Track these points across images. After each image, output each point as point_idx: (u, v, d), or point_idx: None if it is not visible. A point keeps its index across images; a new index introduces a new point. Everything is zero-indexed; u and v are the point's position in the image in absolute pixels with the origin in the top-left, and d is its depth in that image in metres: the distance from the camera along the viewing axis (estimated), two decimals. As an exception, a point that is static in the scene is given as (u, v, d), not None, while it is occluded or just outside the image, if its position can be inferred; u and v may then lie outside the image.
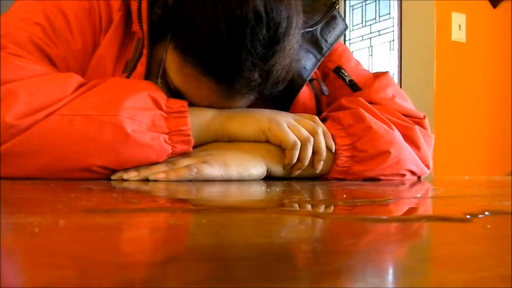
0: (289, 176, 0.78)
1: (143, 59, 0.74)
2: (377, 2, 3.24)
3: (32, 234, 0.23)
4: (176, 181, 0.66)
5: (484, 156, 2.74)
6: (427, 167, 0.90)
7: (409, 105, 0.94)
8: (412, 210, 0.36)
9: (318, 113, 0.90)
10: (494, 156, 2.75)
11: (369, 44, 3.29)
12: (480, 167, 2.73)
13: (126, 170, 0.67)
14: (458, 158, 2.69)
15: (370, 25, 3.28)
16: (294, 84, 0.84)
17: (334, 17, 0.90)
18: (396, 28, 3.04)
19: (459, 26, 2.65)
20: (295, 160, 0.75)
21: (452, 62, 2.65)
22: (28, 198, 0.39)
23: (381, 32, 3.19)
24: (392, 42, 3.09)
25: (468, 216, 0.31)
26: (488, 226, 0.28)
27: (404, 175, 0.87)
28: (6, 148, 0.63)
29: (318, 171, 0.79)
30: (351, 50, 3.43)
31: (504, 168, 2.69)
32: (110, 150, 0.65)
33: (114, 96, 0.67)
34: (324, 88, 0.90)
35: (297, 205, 0.39)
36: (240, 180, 0.71)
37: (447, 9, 2.63)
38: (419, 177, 0.91)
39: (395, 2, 3.04)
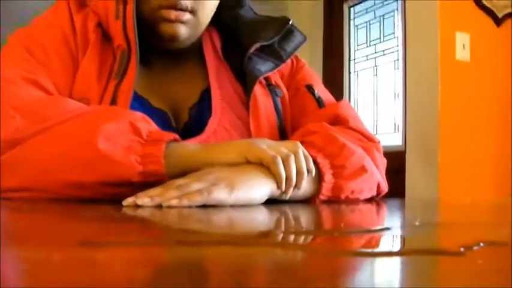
0: (284, 198, 0.79)
1: (132, 65, 0.86)
2: (381, 21, 3.25)
3: (23, 271, 0.23)
4: (188, 207, 0.66)
5: (489, 175, 2.73)
6: (386, 184, 0.97)
7: (367, 128, 1.01)
8: (405, 241, 0.36)
9: (278, 116, 0.98)
10: (499, 174, 2.74)
11: (374, 63, 3.30)
12: (485, 185, 2.71)
13: (137, 195, 0.68)
14: (463, 176, 2.67)
15: (375, 45, 3.29)
16: (248, 81, 0.95)
17: (291, 31, 1.01)
18: (401, 47, 3.05)
19: (463, 45, 2.65)
20: (284, 174, 0.76)
21: (457, 81, 2.65)
22: (24, 228, 0.39)
23: (385, 52, 3.20)
24: (397, 61, 3.10)
25: (462, 249, 0.31)
26: (480, 261, 0.28)
27: (377, 189, 0.93)
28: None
29: (300, 192, 0.80)
30: (355, 70, 3.46)
31: (510, 188, 2.67)
32: (82, 166, 0.71)
33: (94, 120, 0.73)
34: (278, 91, 0.99)
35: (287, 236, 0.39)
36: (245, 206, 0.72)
37: (451, 29, 2.64)
38: (378, 194, 0.96)
39: (400, 21, 3.06)
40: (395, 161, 3.31)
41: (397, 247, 0.34)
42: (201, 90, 0.97)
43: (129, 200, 0.67)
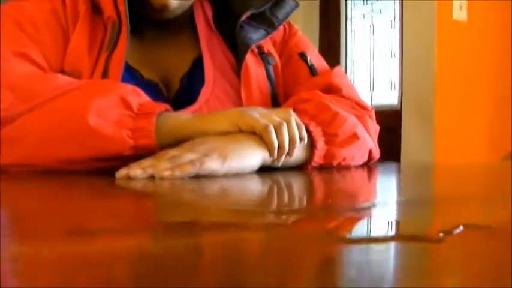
0: (276, 165, 0.80)
1: (123, 36, 0.85)
2: (378, -21, 3.21)
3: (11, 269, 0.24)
4: (181, 178, 0.67)
5: (484, 135, 2.74)
6: (377, 151, 0.99)
7: (360, 96, 1.02)
8: (386, 223, 0.36)
9: (270, 84, 0.98)
10: (494, 135, 2.75)
11: (370, 22, 3.27)
12: (480, 145, 2.73)
13: (129, 166, 0.68)
14: (458, 136, 2.69)
15: (372, 3, 3.26)
16: (239, 50, 0.95)
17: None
18: (397, 6, 3.02)
19: (460, 5, 2.63)
20: (276, 143, 0.76)
21: (453, 41, 2.64)
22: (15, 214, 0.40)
23: (382, 11, 3.17)
24: (393, 20, 3.08)
25: (441, 235, 0.32)
26: (456, 250, 0.29)
27: (369, 155, 0.96)
28: None
29: (292, 159, 0.81)
30: (351, 29, 3.43)
31: (505, 148, 2.69)
32: (75, 141, 0.72)
33: (85, 96, 0.74)
34: (270, 59, 0.99)
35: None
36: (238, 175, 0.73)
37: (448, -12, 2.61)
38: (370, 160, 0.98)
39: (397, -21, 3.02)
40: (391, 120, 3.32)
41: (375, 230, 0.35)
42: (192, 59, 0.97)
43: (122, 172, 0.67)
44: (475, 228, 0.35)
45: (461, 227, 0.34)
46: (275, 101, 0.99)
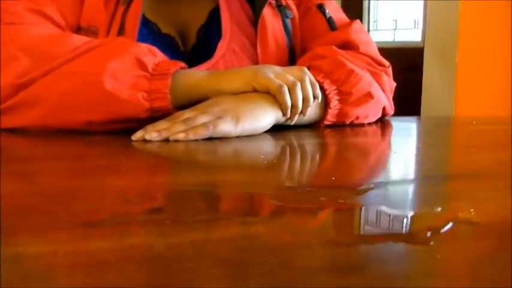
0: (290, 124, 0.82)
1: None
2: None
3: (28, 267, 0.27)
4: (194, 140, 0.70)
5: (506, 78, 2.71)
6: (392, 108, 1.01)
7: (378, 52, 1.02)
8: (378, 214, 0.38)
9: (288, 37, 0.98)
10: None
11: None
12: (501, 88, 2.70)
13: (145, 129, 0.71)
14: (479, 78, 2.66)
15: None
16: (257, 3, 0.95)
17: None
18: None
19: None
20: (289, 103, 0.78)
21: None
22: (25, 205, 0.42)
23: None
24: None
25: (429, 234, 0.34)
26: (439, 256, 0.31)
27: (382, 111, 0.97)
28: (11, 103, 0.74)
29: (305, 117, 0.83)
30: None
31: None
32: (92, 105, 0.73)
33: (100, 58, 0.74)
34: (288, 12, 0.99)
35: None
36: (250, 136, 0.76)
37: None
38: (384, 116, 1.00)
39: None
40: (414, 57, 3.29)
41: (365, 227, 0.37)
42: (209, 10, 0.97)
43: (137, 135, 0.70)
44: (464, 225, 0.37)
45: (450, 224, 0.37)
46: (292, 55, 1.00)
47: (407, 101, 3.60)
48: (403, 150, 0.78)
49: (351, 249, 0.31)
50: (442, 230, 0.35)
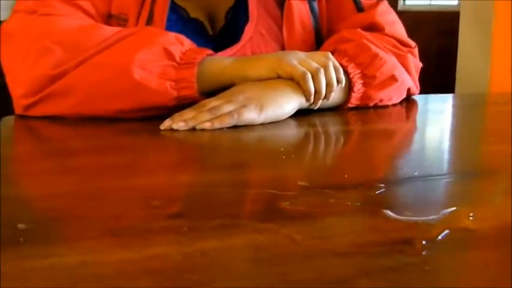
0: (313, 109, 0.84)
1: None
2: None
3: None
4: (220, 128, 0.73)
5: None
6: (417, 88, 1.02)
7: (404, 32, 1.03)
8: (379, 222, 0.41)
9: (314, 20, 0.98)
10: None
11: None
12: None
13: (173, 118, 0.75)
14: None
15: None
16: None
17: None
18: None
19: None
20: (312, 90, 0.81)
21: None
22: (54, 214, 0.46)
23: None
24: None
25: (424, 242, 0.37)
26: (427, 267, 0.34)
27: (406, 93, 0.98)
28: (47, 92, 0.79)
29: (329, 101, 0.85)
30: None
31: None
32: (122, 95, 0.77)
33: (129, 49, 0.78)
34: None
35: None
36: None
37: None
38: (409, 96, 1.01)
39: None
40: (451, 22, 3.25)
41: (361, 234, 0.40)
42: None
43: (165, 124, 0.74)
44: (461, 233, 0.40)
45: (446, 231, 0.39)
46: (318, 36, 1.01)
47: (444, 64, 3.56)
48: (419, 143, 0.80)
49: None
50: (438, 238, 0.38)
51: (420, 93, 1.02)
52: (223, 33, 0.98)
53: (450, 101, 1.20)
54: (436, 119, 0.99)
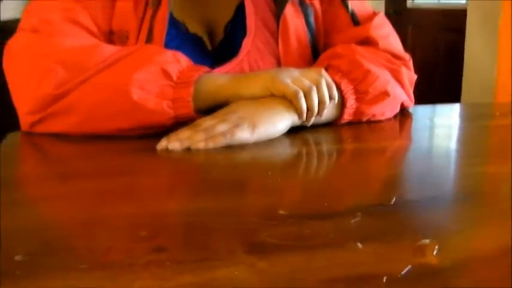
0: (307, 125, 0.87)
1: None
2: None
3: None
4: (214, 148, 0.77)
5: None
6: (411, 101, 1.04)
7: (399, 45, 1.05)
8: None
9: (310, 34, 1.01)
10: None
11: None
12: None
13: (168, 138, 0.78)
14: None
15: None
16: (278, 1, 0.99)
17: None
18: None
19: None
20: (305, 108, 0.84)
21: None
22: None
23: None
24: None
25: (384, 279, 0.40)
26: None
27: (400, 107, 1.01)
28: (51, 111, 0.82)
29: (322, 118, 0.88)
30: None
31: None
32: (121, 114, 0.81)
33: (127, 69, 0.81)
34: (310, 9, 1.01)
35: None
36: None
37: None
38: (404, 109, 1.03)
39: None
40: (457, 19, 3.25)
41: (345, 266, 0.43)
42: (235, 5, 1.02)
43: (162, 144, 0.78)
44: (422, 268, 0.43)
45: (409, 266, 0.42)
46: (315, 50, 1.04)
47: (452, 61, 3.57)
48: (405, 164, 0.82)
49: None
50: (401, 274, 0.41)
51: (428, 88, 1.03)
52: (221, 47, 1.01)
53: (448, 113, 1.22)
54: (429, 135, 1.00)
